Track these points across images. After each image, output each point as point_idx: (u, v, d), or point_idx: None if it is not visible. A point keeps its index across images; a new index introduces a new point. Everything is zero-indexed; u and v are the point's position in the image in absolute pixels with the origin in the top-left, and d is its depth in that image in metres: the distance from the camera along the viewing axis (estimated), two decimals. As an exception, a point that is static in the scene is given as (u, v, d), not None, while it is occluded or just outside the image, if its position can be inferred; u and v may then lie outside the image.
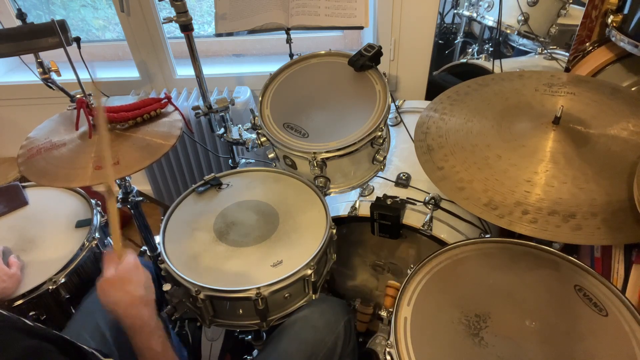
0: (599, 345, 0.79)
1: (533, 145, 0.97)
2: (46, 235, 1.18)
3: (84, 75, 1.19)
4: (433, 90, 1.81)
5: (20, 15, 1.14)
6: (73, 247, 1.13)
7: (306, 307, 1.05)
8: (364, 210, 1.22)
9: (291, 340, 0.99)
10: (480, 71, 1.66)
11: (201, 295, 0.95)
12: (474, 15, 1.69)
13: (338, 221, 1.22)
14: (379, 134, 1.16)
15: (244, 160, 1.67)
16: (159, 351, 0.83)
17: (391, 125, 1.54)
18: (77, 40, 1.17)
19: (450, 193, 0.94)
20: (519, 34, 1.61)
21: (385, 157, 1.22)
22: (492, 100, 1.13)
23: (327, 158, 1.14)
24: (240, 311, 1.02)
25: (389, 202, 1.17)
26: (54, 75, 1.20)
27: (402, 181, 1.31)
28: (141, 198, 1.45)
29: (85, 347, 0.79)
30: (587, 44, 1.32)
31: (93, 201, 1.25)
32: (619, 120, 1.00)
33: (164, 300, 1.02)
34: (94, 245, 1.15)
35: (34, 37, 1.11)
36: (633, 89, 1.25)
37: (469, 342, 0.80)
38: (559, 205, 0.86)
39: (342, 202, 1.28)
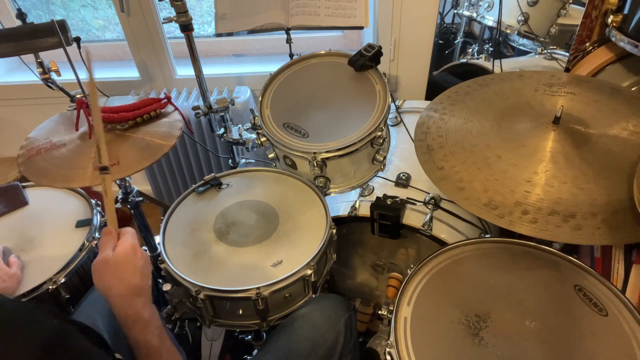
0: (599, 345, 0.79)
1: (533, 145, 0.97)
2: (46, 235, 1.18)
3: (83, 75, 1.19)
4: (433, 90, 1.81)
5: (20, 15, 1.15)
6: (73, 247, 1.13)
7: (306, 304, 1.05)
8: (364, 210, 1.22)
9: (291, 338, 0.98)
10: (480, 71, 1.66)
11: (201, 295, 0.95)
12: (474, 15, 1.69)
13: (338, 221, 1.22)
14: (379, 134, 1.16)
15: (244, 160, 1.67)
16: (155, 344, 0.79)
17: (391, 125, 1.54)
18: (77, 40, 1.17)
19: (450, 193, 0.94)
20: (519, 34, 1.61)
21: (385, 157, 1.22)
22: (492, 100, 1.13)
23: (327, 158, 1.14)
24: (240, 311, 1.02)
25: (389, 202, 1.17)
26: (54, 75, 1.20)
27: (402, 181, 1.31)
28: (141, 198, 1.45)
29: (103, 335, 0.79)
30: (587, 44, 1.32)
31: (93, 201, 1.25)
32: (619, 120, 1.00)
33: (164, 300, 1.02)
34: (94, 245, 1.15)
35: (34, 37, 1.11)
36: (633, 89, 1.25)
37: (469, 342, 0.80)
38: (559, 205, 0.86)
39: (342, 202, 1.28)
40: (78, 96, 1.18)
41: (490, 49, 1.78)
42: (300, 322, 1.01)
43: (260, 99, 1.26)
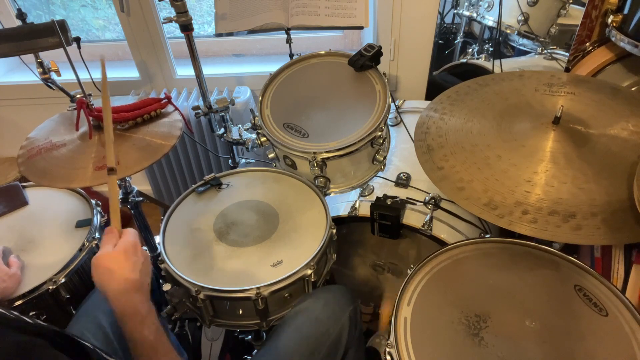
0: (599, 345, 0.79)
1: (533, 145, 0.97)
2: (46, 235, 1.18)
3: (84, 75, 1.19)
4: (433, 90, 1.81)
5: (20, 15, 1.14)
6: (73, 247, 1.13)
7: (308, 297, 1.02)
8: (364, 210, 1.22)
9: (292, 336, 0.96)
10: (480, 71, 1.66)
11: (201, 295, 0.95)
12: (474, 15, 1.69)
13: (338, 221, 1.22)
14: (379, 134, 1.16)
15: (244, 160, 1.67)
16: (152, 340, 0.78)
17: (391, 125, 1.54)
18: (77, 40, 1.17)
19: (450, 193, 0.94)
20: (519, 34, 1.61)
21: (385, 157, 1.22)
22: (492, 100, 1.13)
23: (327, 158, 1.14)
24: (240, 311, 1.02)
25: (389, 202, 1.17)
26: (54, 75, 1.20)
27: (402, 181, 1.31)
28: (141, 198, 1.45)
29: (86, 344, 0.77)
30: (587, 44, 1.32)
31: (93, 201, 1.25)
32: (619, 120, 1.00)
33: (164, 300, 1.02)
34: (94, 245, 1.15)
35: (34, 37, 1.11)
36: (633, 89, 1.25)
37: (469, 342, 0.80)
38: (559, 205, 0.86)
39: (342, 202, 1.28)
40: (78, 96, 1.18)
41: (490, 49, 1.78)
42: (302, 318, 0.99)
43: (260, 99, 1.26)
